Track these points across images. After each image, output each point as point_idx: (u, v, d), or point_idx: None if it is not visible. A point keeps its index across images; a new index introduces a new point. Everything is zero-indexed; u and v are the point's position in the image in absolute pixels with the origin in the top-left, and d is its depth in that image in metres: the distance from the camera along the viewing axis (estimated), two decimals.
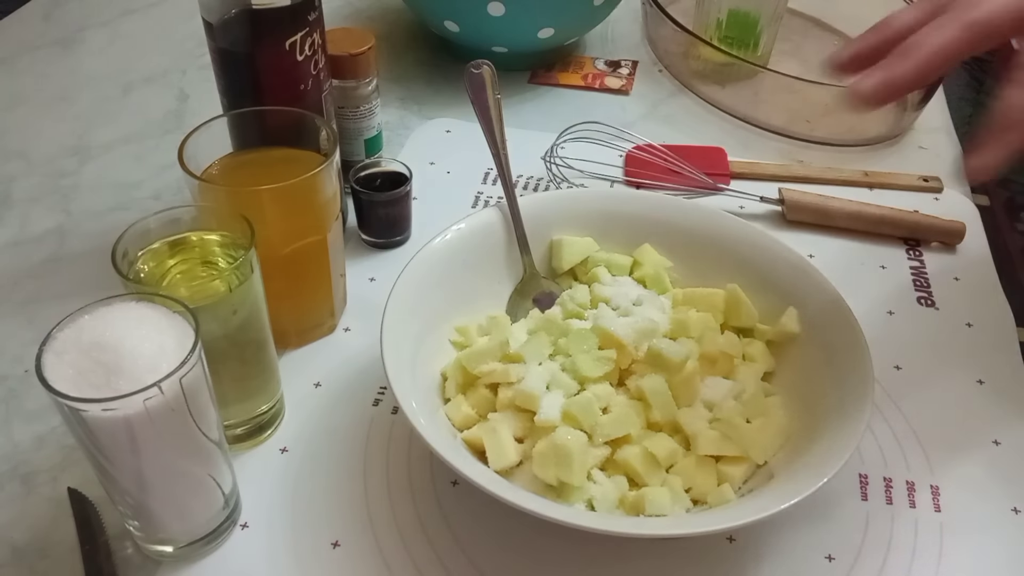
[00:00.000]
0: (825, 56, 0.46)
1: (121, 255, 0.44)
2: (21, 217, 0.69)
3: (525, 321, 0.56)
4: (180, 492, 0.44)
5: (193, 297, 0.44)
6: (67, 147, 0.76)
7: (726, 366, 0.52)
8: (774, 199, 0.70)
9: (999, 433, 0.55)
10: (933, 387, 0.58)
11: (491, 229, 0.58)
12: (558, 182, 0.72)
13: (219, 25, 0.54)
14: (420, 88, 0.85)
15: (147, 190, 0.72)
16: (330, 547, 0.48)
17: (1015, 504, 0.51)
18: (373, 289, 0.63)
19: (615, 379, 0.52)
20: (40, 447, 0.52)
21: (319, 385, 0.56)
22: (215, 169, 0.53)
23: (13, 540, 0.48)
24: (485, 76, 0.63)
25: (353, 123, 0.67)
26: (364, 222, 0.66)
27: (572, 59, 0.89)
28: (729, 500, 0.47)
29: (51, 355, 0.38)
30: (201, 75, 0.85)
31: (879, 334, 0.51)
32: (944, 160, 0.79)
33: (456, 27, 0.80)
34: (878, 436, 0.54)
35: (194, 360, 0.39)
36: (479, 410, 0.51)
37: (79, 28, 0.92)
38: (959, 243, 0.69)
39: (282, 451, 0.52)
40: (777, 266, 0.55)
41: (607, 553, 0.48)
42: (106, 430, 0.38)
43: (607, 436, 0.48)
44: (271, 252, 0.50)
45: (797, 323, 0.53)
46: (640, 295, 0.56)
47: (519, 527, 0.48)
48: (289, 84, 0.56)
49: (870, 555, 0.48)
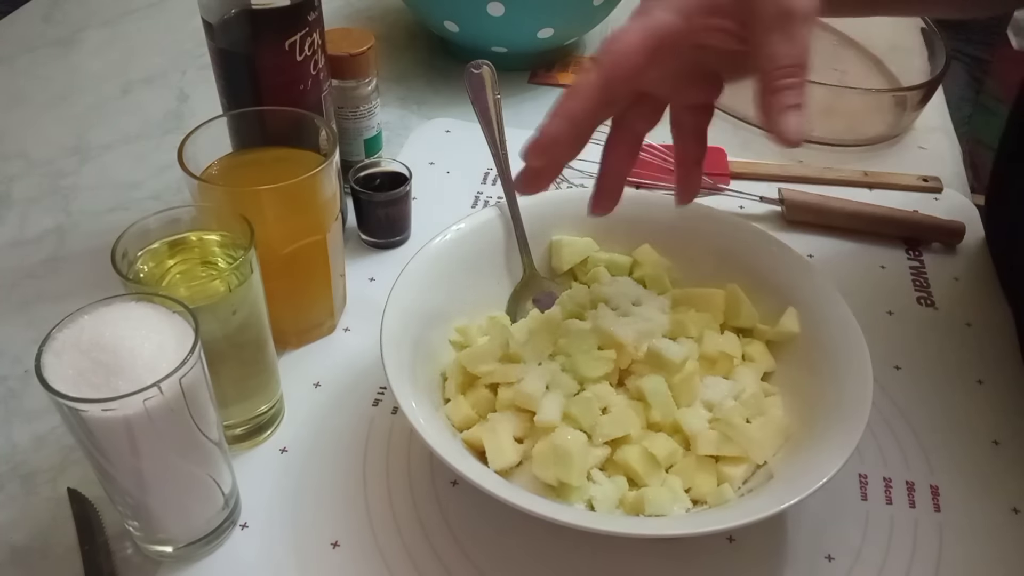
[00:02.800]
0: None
1: (121, 255, 0.44)
2: (21, 217, 0.69)
3: (525, 321, 0.56)
4: (180, 492, 0.44)
5: (193, 297, 0.44)
6: (67, 147, 0.76)
7: (726, 366, 0.52)
8: (774, 199, 0.70)
9: (999, 433, 0.55)
10: (933, 387, 0.58)
11: (491, 229, 0.58)
12: (558, 182, 0.72)
13: (219, 25, 0.54)
14: (420, 88, 0.85)
15: (147, 190, 0.72)
16: (330, 547, 0.48)
17: (1015, 504, 0.51)
18: (373, 289, 0.63)
19: (615, 379, 0.52)
20: (40, 447, 0.52)
21: (319, 385, 0.56)
22: (215, 169, 0.53)
23: (13, 540, 0.48)
24: (485, 76, 0.63)
25: (353, 123, 0.67)
26: (364, 222, 0.66)
27: (572, 59, 0.89)
28: (729, 500, 0.47)
29: (51, 355, 0.38)
30: (201, 75, 0.85)
31: (879, 334, 0.51)
32: (944, 160, 0.79)
33: (456, 27, 0.80)
34: (878, 436, 0.54)
35: (194, 360, 0.39)
36: (479, 410, 0.51)
37: (79, 28, 0.92)
38: (959, 243, 0.69)
39: (282, 451, 0.52)
40: (777, 266, 0.55)
41: (607, 553, 0.48)
42: (106, 430, 0.38)
43: (607, 436, 0.48)
44: (271, 252, 0.50)
45: (797, 323, 0.53)
46: (640, 295, 0.56)
47: (519, 527, 0.48)
48: (289, 84, 0.56)
49: (870, 555, 0.48)
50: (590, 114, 0.43)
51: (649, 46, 0.41)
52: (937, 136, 0.82)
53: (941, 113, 0.85)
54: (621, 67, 0.42)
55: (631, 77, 0.42)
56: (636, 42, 0.41)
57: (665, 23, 0.41)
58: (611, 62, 0.42)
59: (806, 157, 0.78)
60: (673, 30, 0.41)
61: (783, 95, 0.40)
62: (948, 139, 0.82)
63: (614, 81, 0.42)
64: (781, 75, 0.40)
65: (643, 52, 0.41)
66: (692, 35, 0.42)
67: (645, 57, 0.41)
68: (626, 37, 0.42)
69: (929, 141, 0.81)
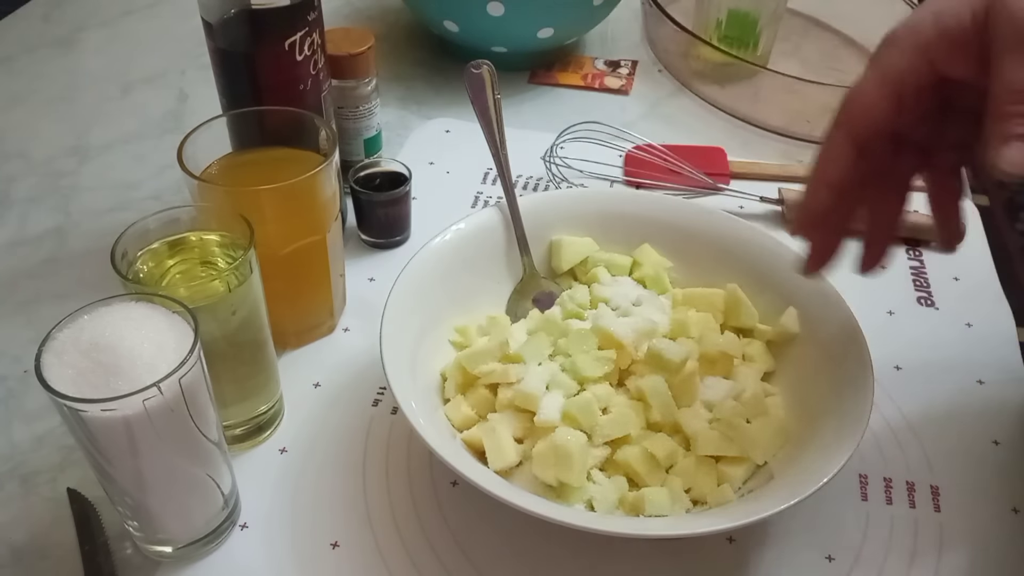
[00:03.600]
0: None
1: (120, 255, 0.44)
2: (20, 217, 0.69)
3: (525, 321, 0.56)
4: (179, 492, 0.44)
5: (192, 297, 0.44)
6: (66, 147, 0.76)
7: (726, 366, 0.52)
8: (774, 199, 0.70)
9: (999, 433, 0.55)
10: (933, 387, 0.58)
11: (491, 229, 0.58)
12: (558, 182, 0.72)
13: (218, 25, 0.54)
14: (420, 88, 0.85)
15: (146, 190, 0.72)
16: (329, 547, 0.48)
17: (1015, 504, 0.51)
18: (373, 289, 0.63)
19: (615, 379, 0.51)
20: (39, 447, 0.52)
21: (318, 385, 0.56)
22: (214, 169, 0.53)
23: (13, 540, 0.48)
24: (485, 76, 0.63)
25: (352, 123, 0.67)
26: (364, 222, 0.66)
27: (572, 59, 0.89)
28: (729, 500, 0.47)
29: (50, 355, 0.38)
30: (200, 75, 0.85)
31: (879, 334, 0.50)
32: None
33: (456, 27, 0.80)
34: (878, 436, 0.54)
35: (193, 360, 0.39)
36: (479, 410, 0.51)
37: (79, 28, 0.92)
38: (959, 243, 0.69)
39: (281, 451, 0.52)
40: (777, 266, 0.55)
41: (607, 553, 0.48)
42: (105, 430, 0.38)
43: (607, 436, 0.48)
44: (270, 252, 0.50)
45: (797, 323, 0.53)
46: (640, 295, 0.56)
47: (518, 527, 0.48)
48: (288, 84, 0.56)
49: (870, 555, 0.48)
50: (846, 173, 0.41)
51: (889, 92, 0.40)
52: None
53: None
54: (864, 119, 0.40)
55: (878, 128, 0.40)
56: (873, 92, 0.40)
57: (902, 65, 0.40)
58: (851, 117, 0.41)
59: (806, 157, 0.78)
60: (909, 68, 0.40)
61: (1012, 123, 0.38)
62: None
63: (860, 136, 0.41)
64: (1014, 99, 0.38)
65: (884, 100, 0.40)
66: (930, 69, 0.40)
67: (889, 104, 0.40)
68: (863, 87, 0.40)
69: None
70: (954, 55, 0.40)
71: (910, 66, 0.40)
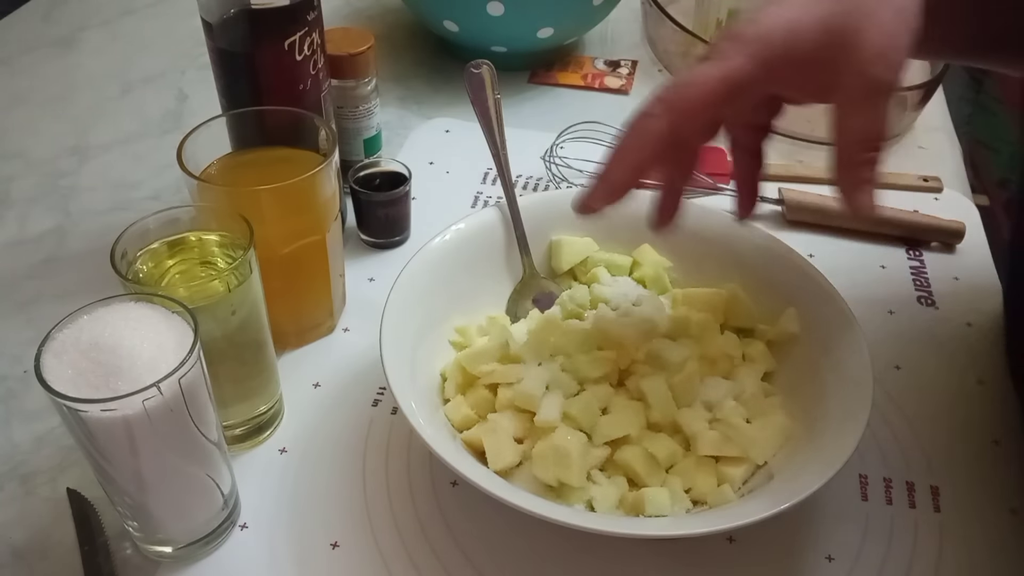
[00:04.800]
0: None
1: (120, 255, 0.44)
2: (20, 217, 0.69)
3: (525, 321, 0.56)
4: (179, 492, 0.44)
5: (192, 297, 0.44)
6: (66, 147, 0.76)
7: (726, 366, 0.52)
8: (774, 199, 0.70)
9: (999, 433, 0.55)
10: (933, 387, 0.58)
11: (491, 229, 0.58)
12: (558, 182, 0.72)
13: (218, 25, 0.54)
14: (419, 88, 0.85)
15: (146, 190, 0.72)
16: (329, 548, 0.48)
17: (1014, 504, 0.51)
18: (372, 289, 0.63)
19: (615, 379, 0.51)
20: (39, 447, 0.52)
21: (318, 385, 0.56)
22: (214, 169, 0.53)
23: (13, 541, 0.48)
24: (485, 76, 0.63)
25: (352, 123, 0.67)
26: (363, 222, 0.66)
27: (572, 59, 0.89)
28: (729, 500, 0.47)
29: (50, 355, 0.38)
30: (200, 75, 0.85)
31: (879, 334, 0.51)
32: (944, 160, 0.79)
33: (456, 27, 0.80)
34: (878, 436, 0.54)
35: (193, 360, 0.39)
36: (479, 410, 0.51)
37: (78, 28, 0.92)
38: (959, 243, 0.69)
39: (281, 452, 0.52)
40: (777, 266, 0.55)
41: (607, 553, 0.48)
42: (105, 430, 0.38)
43: (607, 437, 0.48)
44: (270, 252, 0.50)
45: (797, 323, 0.53)
46: (640, 295, 0.56)
47: (519, 527, 0.48)
48: (288, 84, 0.56)
49: (870, 555, 0.48)
50: (655, 160, 0.42)
51: (723, 93, 0.40)
52: (937, 136, 0.82)
53: (941, 113, 0.85)
54: (692, 114, 0.41)
55: (699, 122, 0.41)
56: (710, 90, 0.40)
57: (744, 72, 0.40)
58: (683, 108, 0.41)
59: (806, 157, 0.78)
60: (751, 79, 0.40)
61: (860, 170, 0.39)
62: (948, 139, 0.82)
63: (683, 129, 0.41)
64: (860, 149, 0.39)
65: (718, 101, 0.40)
66: (770, 86, 0.41)
67: (719, 104, 0.40)
68: (701, 82, 0.40)
69: (929, 141, 0.81)
70: (796, 79, 0.41)
71: (752, 77, 0.40)
